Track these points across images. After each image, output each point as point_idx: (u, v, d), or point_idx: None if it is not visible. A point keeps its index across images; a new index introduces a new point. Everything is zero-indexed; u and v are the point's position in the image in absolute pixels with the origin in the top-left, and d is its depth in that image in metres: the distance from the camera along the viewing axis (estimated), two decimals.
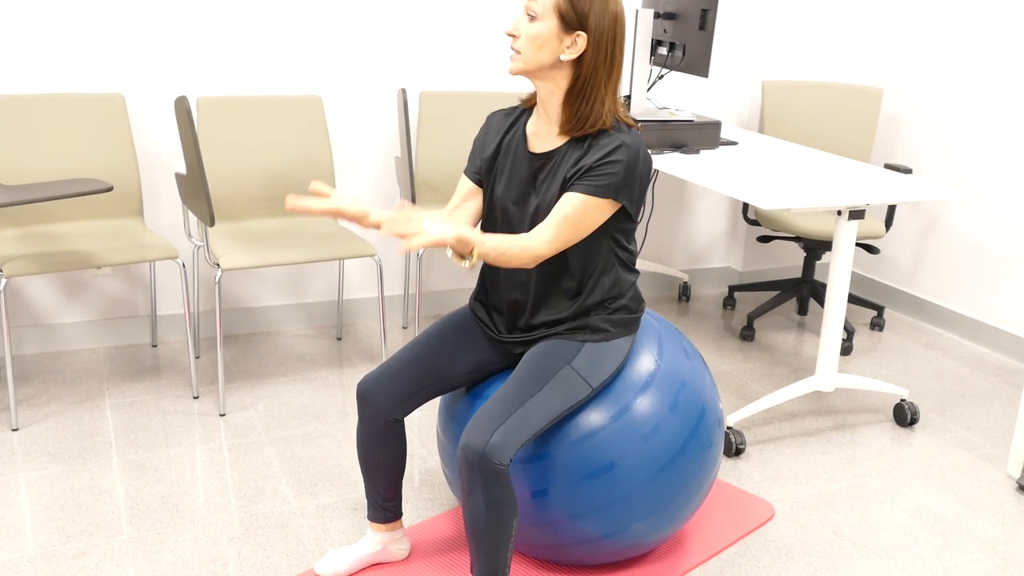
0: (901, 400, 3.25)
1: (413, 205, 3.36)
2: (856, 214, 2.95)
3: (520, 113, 2.20)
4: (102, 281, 3.55)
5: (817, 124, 4.18)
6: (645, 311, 2.42)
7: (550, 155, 2.10)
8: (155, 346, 3.62)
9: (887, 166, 3.67)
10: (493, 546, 2.01)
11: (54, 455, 2.84)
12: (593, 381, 2.13)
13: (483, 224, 2.24)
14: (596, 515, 2.18)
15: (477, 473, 1.95)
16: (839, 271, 3.01)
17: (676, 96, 4.23)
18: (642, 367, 2.23)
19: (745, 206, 4.18)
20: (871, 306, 4.10)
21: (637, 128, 2.11)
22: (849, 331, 3.85)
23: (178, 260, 3.12)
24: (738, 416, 3.03)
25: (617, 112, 2.09)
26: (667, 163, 3.15)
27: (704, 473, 2.29)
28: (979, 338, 4.00)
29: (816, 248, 3.99)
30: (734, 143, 3.54)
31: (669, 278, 4.46)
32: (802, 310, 4.27)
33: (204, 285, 3.68)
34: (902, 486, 2.87)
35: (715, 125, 3.40)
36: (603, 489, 2.15)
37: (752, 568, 2.45)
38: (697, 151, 3.34)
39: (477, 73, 3.85)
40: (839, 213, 2.98)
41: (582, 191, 2.02)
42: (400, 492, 2.33)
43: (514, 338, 2.23)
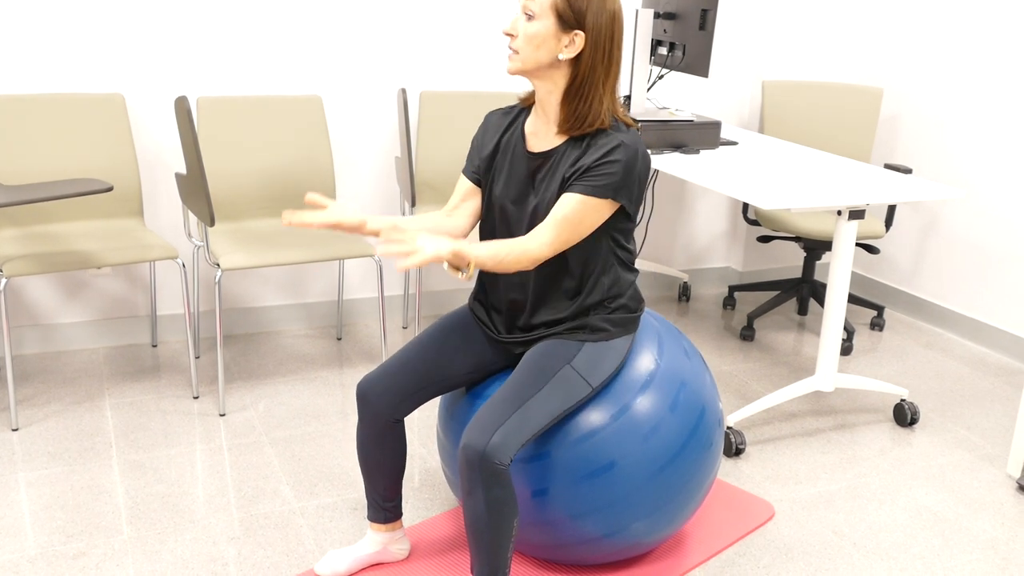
0: (901, 400, 3.25)
1: (412, 208, 3.36)
2: (856, 214, 2.95)
3: (518, 112, 2.20)
4: (102, 281, 3.55)
5: (817, 124, 4.18)
6: (645, 310, 2.42)
7: (549, 154, 2.10)
8: (155, 346, 3.62)
9: (887, 166, 3.67)
10: (493, 546, 2.01)
11: (54, 455, 2.84)
12: (593, 381, 2.13)
13: (482, 224, 2.24)
14: (596, 515, 2.18)
15: (478, 473, 1.95)
16: (839, 271, 3.01)
17: (676, 96, 4.23)
18: (642, 367, 2.23)
19: (745, 206, 4.18)
20: (871, 306, 4.10)
21: (636, 127, 2.11)
22: (849, 331, 3.85)
23: (178, 260, 3.12)
24: (738, 416, 3.03)
25: (616, 111, 2.08)
26: (667, 163, 3.15)
27: (704, 473, 2.29)
28: (979, 338, 4.00)
29: (816, 248, 3.99)
30: (734, 143, 3.54)
31: (669, 278, 4.46)
32: (802, 310, 4.27)
33: (204, 285, 3.68)
34: (902, 486, 2.87)
35: (715, 125, 3.40)
36: (603, 489, 2.15)
37: (752, 568, 2.45)
38: (697, 151, 3.34)
39: (477, 73, 3.85)
40: (839, 213, 2.98)
41: (581, 191, 2.02)
42: (400, 492, 2.33)
43: (514, 338, 2.23)
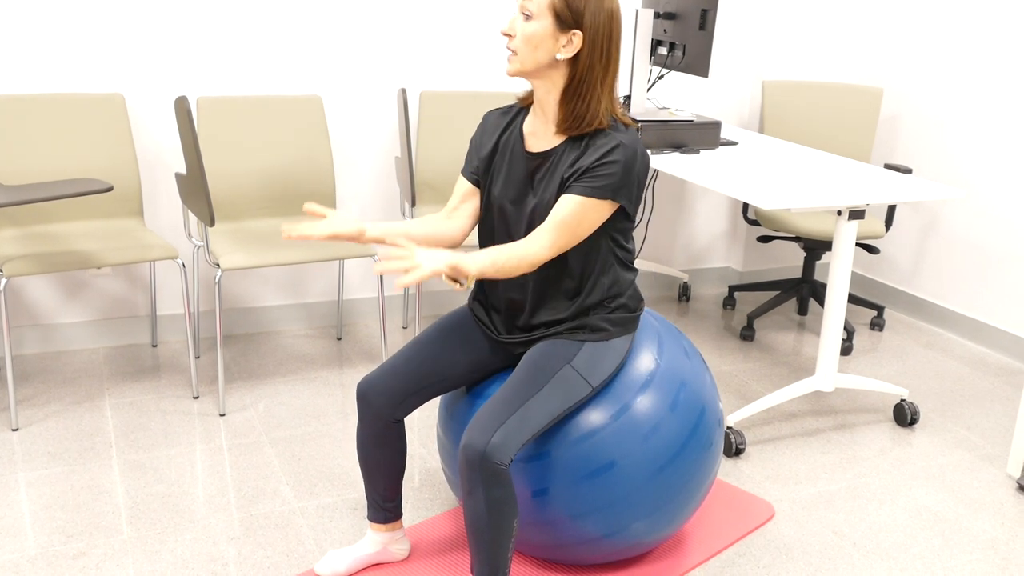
0: (901, 400, 3.25)
1: (412, 208, 3.36)
2: (856, 214, 2.95)
3: (517, 112, 2.20)
4: (102, 281, 3.55)
5: (817, 124, 4.18)
6: (645, 310, 2.42)
7: (547, 154, 2.10)
8: (155, 346, 3.62)
9: (887, 166, 3.67)
10: (494, 546, 2.01)
11: (54, 455, 2.84)
12: (593, 380, 2.13)
13: (480, 224, 2.23)
14: (596, 514, 2.18)
15: (478, 473, 1.95)
16: (839, 271, 3.01)
17: (676, 96, 4.23)
18: (642, 366, 2.23)
19: (745, 206, 4.18)
20: (871, 306, 4.10)
21: (635, 127, 2.10)
22: (849, 331, 3.85)
23: (178, 260, 3.12)
24: (738, 416, 3.03)
25: (614, 111, 2.07)
26: (667, 163, 3.14)
27: (704, 473, 2.29)
28: (979, 338, 4.00)
29: (816, 248, 3.99)
30: (734, 143, 3.54)
31: (669, 278, 4.46)
32: (802, 310, 4.27)
33: (204, 285, 3.68)
34: (902, 486, 2.87)
35: (715, 125, 3.40)
36: (603, 488, 2.15)
37: (752, 568, 2.45)
38: (697, 151, 3.34)
39: (477, 73, 3.85)
40: (839, 213, 2.98)
41: (580, 193, 2.01)
42: (400, 492, 2.33)
43: (513, 338, 2.23)
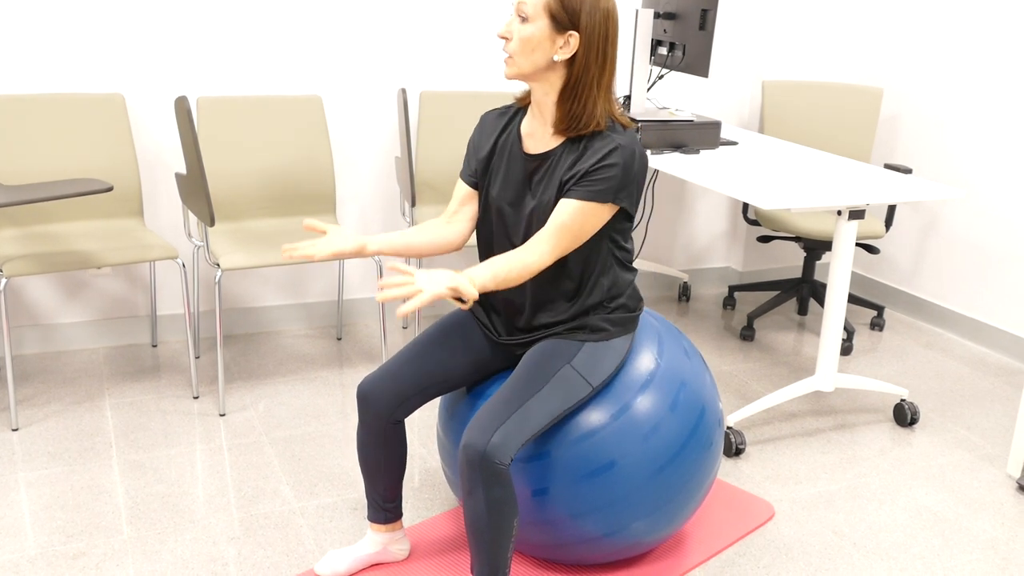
0: (901, 400, 3.25)
1: (412, 208, 3.36)
2: (856, 214, 2.95)
3: (514, 112, 2.19)
4: (102, 281, 3.55)
5: (817, 124, 4.18)
6: (644, 310, 2.42)
7: (546, 156, 2.10)
8: (155, 346, 3.62)
9: (887, 166, 3.67)
10: (494, 546, 2.01)
11: (54, 455, 2.84)
12: (593, 380, 2.13)
13: (479, 226, 2.23)
14: (596, 514, 2.18)
15: (478, 473, 1.95)
16: (839, 271, 3.01)
17: (676, 96, 4.23)
18: (642, 366, 2.23)
19: (745, 206, 4.18)
20: (871, 306, 4.10)
21: (634, 127, 2.10)
22: (849, 331, 3.85)
23: (178, 260, 3.12)
24: (738, 416, 3.03)
25: (612, 111, 2.07)
26: (667, 163, 3.14)
27: (704, 473, 2.29)
28: (979, 338, 4.00)
29: (816, 248, 3.99)
30: (734, 143, 3.54)
31: (669, 278, 4.46)
32: (802, 310, 4.27)
33: (204, 285, 3.68)
34: (902, 486, 2.87)
35: (715, 125, 3.40)
36: (603, 488, 2.15)
37: (752, 568, 2.45)
38: (697, 151, 3.34)
39: (477, 73, 3.85)
40: (839, 213, 2.98)
41: (580, 197, 2.01)
42: (400, 493, 2.33)
43: (513, 339, 2.23)
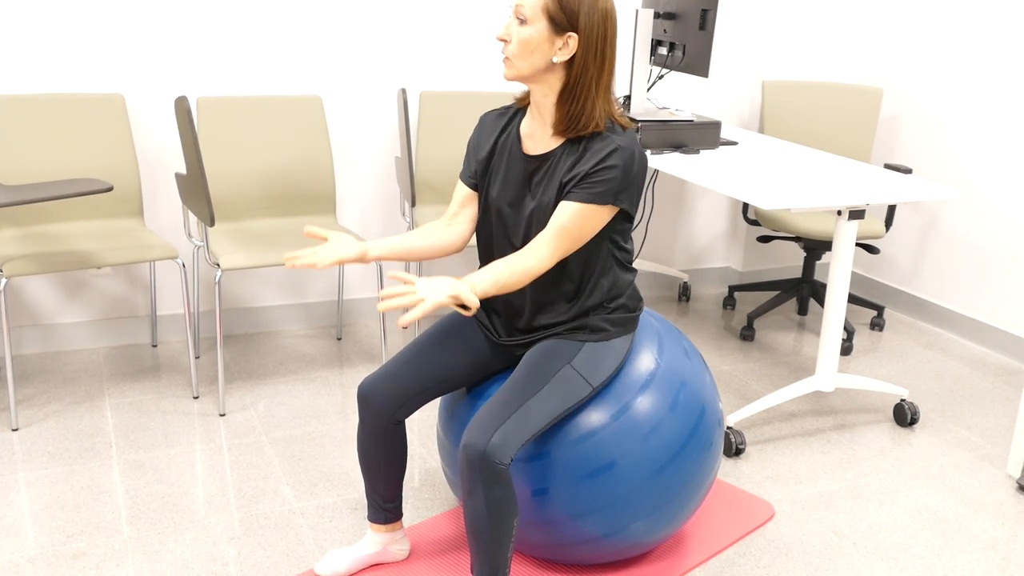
0: (901, 400, 3.25)
1: (412, 208, 3.36)
2: (856, 214, 2.95)
3: (514, 113, 2.19)
4: (102, 281, 3.55)
5: (817, 124, 4.18)
6: (644, 310, 2.42)
7: (545, 157, 2.09)
8: (155, 346, 3.62)
9: (887, 166, 3.67)
10: (494, 546, 2.01)
11: (54, 455, 2.84)
12: (593, 380, 2.13)
13: (479, 227, 2.23)
14: (596, 514, 2.18)
15: (478, 473, 1.95)
16: (839, 271, 3.01)
17: (676, 96, 4.23)
18: (642, 366, 2.23)
19: (745, 206, 4.18)
20: (871, 306, 4.10)
21: (633, 127, 2.10)
22: (849, 331, 3.85)
23: (178, 260, 3.12)
24: (738, 416, 3.03)
25: (611, 112, 2.06)
26: (667, 163, 3.14)
27: (704, 473, 2.29)
28: (979, 338, 4.00)
29: (816, 248, 3.99)
30: (734, 143, 3.54)
31: (669, 278, 4.46)
32: (802, 310, 4.27)
33: (204, 285, 3.68)
34: (902, 486, 2.87)
35: (715, 125, 3.40)
36: (603, 488, 2.15)
37: (752, 568, 2.45)
38: (697, 151, 3.34)
39: (477, 73, 3.85)
40: (839, 213, 2.98)
41: (580, 200, 2.01)
42: (400, 493, 2.33)
43: (514, 340, 2.23)
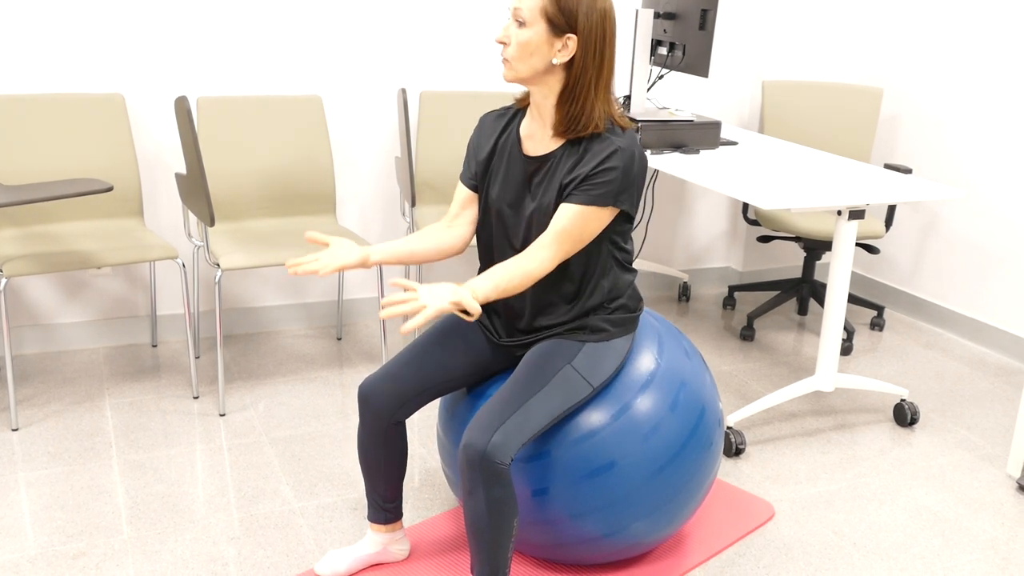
0: (901, 400, 3.25)
1: (412, 208, 3.36)
2: (856, 214, 2.95)
3: (513, 114, 2.19)
4: (102, 281, 3.55)
5: (817, 124, 4.18)
6: (645, 310, 2.42)
7: (545, 158, 2.09)
8: (155, 346, 3.62)
9: (887, 166, 3.67)
10: (494, 546, 2.01)
11: (54, 455, 2.84)
12: (594, 380, 2.13)
13: (479, 228, 2.23)
14: (596, 514, 2.18)
15: (478, 472, 1.95)
16: (839, 271, 3.01)
17: (676, 96, 4.23)
18: (642, 366, 2.23)
19: (745, 206, 4.18)
20: (871, 306, 4.10)
21: (633, 127, 2.09)
22: (849, 331, 3.85)
23: (178, 260, 3.12)
24: (738, 416, 3.03)
25: (611, 113, 2.06)
26: (667, 163, 3.14)
27: (704, 473, 2.29)
28: (979, 338, 4.00)
29: (816, 248, 3.99)
30: (734, 143, 3.54)
31: (669, 278, 4.46)
32: (802, 310, 4.27)
33: (204, 285, 3.68)
34: (902, 486, 2.87)
35: (715, 125, 3.40)
36: (603, 488, 2.15)
37: (752, 568, 2.45)
38: (697, 151, 3.34)
39: (477, 73, 3.85)
40: (839, 213, 2.98)
41: (581, 202, 2.01)
42: (400, 493, 2.33)
43: (514, 341, 2.23)
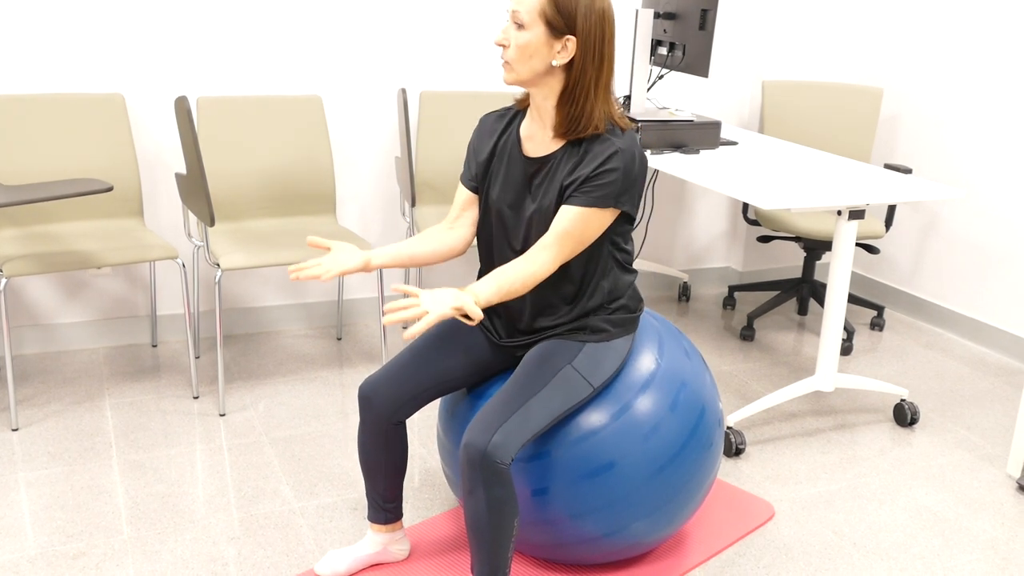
0: (901, 400, 3.25)
1: (412, 208, 3.36)
2: (856, 214, 2.95)
3: (513, 115, 2.19)
4: (102, 281, 3.55)
5: (817, 124, 4.18)
6: (645, 310, 2.42)
7: (546, 160, 2.09)
8: (155, 346, 3.62)
9: (887, 166, 3.67)
10: (494, 545, 2.01)
11: (54, 455, 2.84)
12: (594, 381, 2.13)
13: (479, 228, 2.23)
14: (596, 514, 2.18)
15: (479, 472, 1.95)
16: (839, 271, 3.01)
17: (676, 96, 4.23)
18: (642, 367, 2.23)
19: (745, 206, 4.18)
20: (871, 306, 4.10)
21: (633, 127, 2.09)
22: (849, 331, 3.85)
23: (178, 260, 3.12)
24: (738, 416, 3.03)
25: (611, 113, 2.06)
26: (667, 163, 3.14)
27: (704, 473, 2.29)
28: (979, 338, 4.00)
29: (816, 248, 3.99)
30: (734, 143, 3.54)
31: (669, 278, 4.46)
32: (802, 310, 4.27)
33: (204, 285, 3.68)
34: (902, 486, 2.87)
35: (715, 125, 3.40)
36: (603, 488, 2.15)
37: (752, 568, 2.45)
38: (697, 151, 3.34)
39: (477, 73, 3.85)
40: (839, 213, 2.98)
41: (582, 203, 2.01)
42: (401, 493, 2.33)
43: (515, 342, 2.23)
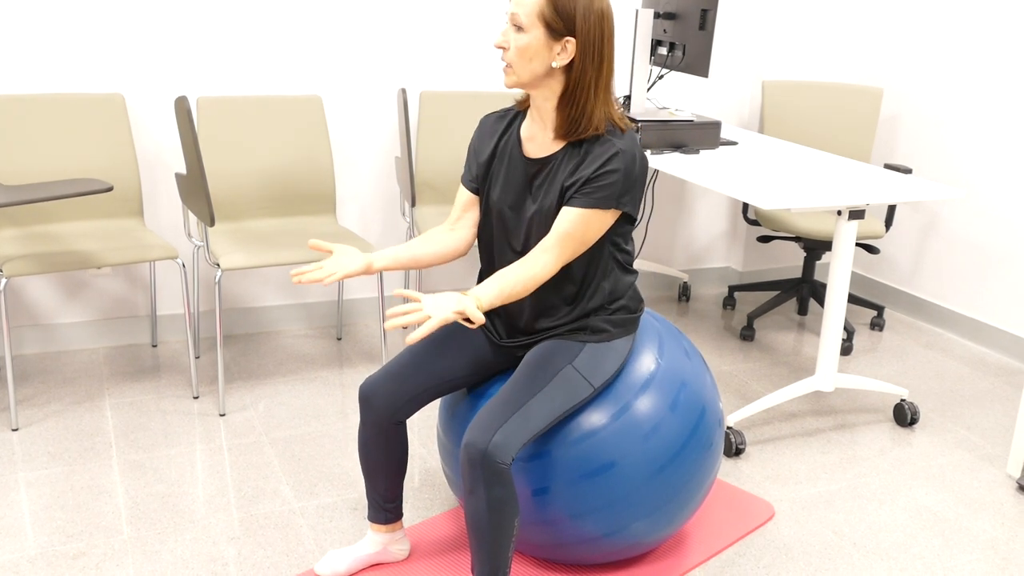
0: (901, 400, 3.25)
1: (412, 208, 3.36)
2: (856, 214, 2.95)
3: (514, 116, 2.19)
4: (102, 281, 3.55)
5: (817, 124, 4.18)
6: (645, 311, 2.42)
7: (546, 161, 2.09)
8: (155, 346, 3.62)
9: (887, 166, 3.67)
10: (494, 545, 2.01)
11: (54, 455, 2.84)
12: (595, 381, 2.13)
13: (480, 229, 2.23)
14: (596, 514, 2.18)
15: (479, 472, 1.95)
16: (839, 271, 3.01)
17: (676, 96, 4.23)
18: (642, 367, 2.23)
19: (745, 206, 4.18)
20: (871, 306, 4.10)
21: (633, 128, 2.09)
22: (849, 331, 3.85)
23: (178, 260, 3.12)
24: (738, 416, 3.03)
25: (611, 114, 2.06)
26: (667, 163, 3.14)
27: (704, 473, 2.29)
28: (979, 338, 4.00)
29: (816, 248, 3.99)
30: (734, 143, 3.54)
31: (669, 278, 4.46)
32: (802, 310, 4.27)
33: (204, 285, 3.68)
34: (902, 486, 2.87)
35: (715, 125, 3.40)
36: (603, 488, 2.15)
37: (752, 568, 2.45)
38: (697, 151, 3.34)
39: (477, 73, 3.85)
40: (839, 213, 2.98)
41: (583, 205, 2.01)
42: (401, 493, 2.33)
43: (515, 342, 2.23)
